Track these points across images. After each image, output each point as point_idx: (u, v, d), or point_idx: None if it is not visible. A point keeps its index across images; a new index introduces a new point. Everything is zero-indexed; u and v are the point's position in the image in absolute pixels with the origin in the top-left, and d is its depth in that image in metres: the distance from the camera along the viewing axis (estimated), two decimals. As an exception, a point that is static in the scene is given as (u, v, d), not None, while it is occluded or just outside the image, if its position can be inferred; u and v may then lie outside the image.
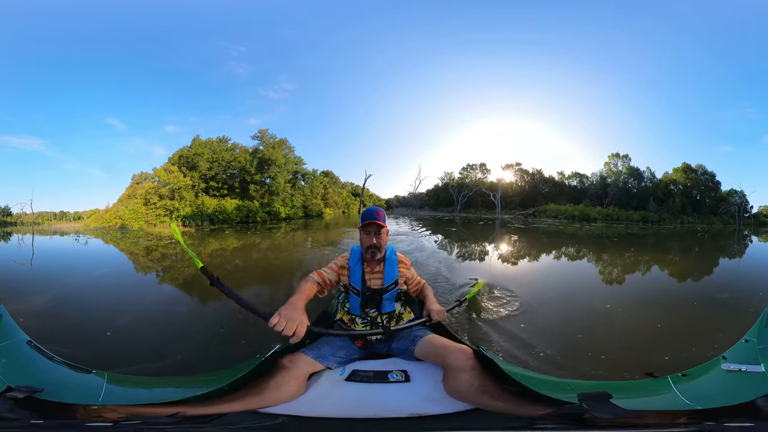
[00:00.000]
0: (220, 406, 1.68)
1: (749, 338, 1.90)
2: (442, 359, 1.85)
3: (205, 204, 25.47)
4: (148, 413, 1.64)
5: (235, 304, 1.85)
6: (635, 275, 8.01)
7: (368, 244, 2.20)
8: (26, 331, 2.23)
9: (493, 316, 4.29)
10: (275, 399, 1.70)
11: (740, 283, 6.89)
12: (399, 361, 2.04)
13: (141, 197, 25.31)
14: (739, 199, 27.28)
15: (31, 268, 8.98)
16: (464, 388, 1.70)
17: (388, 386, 1.84)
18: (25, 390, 1.58)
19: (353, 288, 2.26)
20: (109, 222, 24.93)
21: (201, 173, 26.69)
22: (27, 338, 2.12)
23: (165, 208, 24.74)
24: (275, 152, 29.04)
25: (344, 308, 2.37)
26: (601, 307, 5.02)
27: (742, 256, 12.14)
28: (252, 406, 1.68)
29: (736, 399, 1.57)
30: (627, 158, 30.29)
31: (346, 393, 1.80)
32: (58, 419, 1.59)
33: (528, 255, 10.66)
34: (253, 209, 26.76)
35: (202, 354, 3.31)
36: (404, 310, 2.36)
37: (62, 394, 1.68)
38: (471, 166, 35.58)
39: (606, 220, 26.75)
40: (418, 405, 1.72)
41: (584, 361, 3.19)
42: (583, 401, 1.42)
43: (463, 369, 1.73)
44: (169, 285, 7.13)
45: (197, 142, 27.69)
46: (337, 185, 38.23)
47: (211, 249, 12.32)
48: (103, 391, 1.77)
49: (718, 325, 4.10)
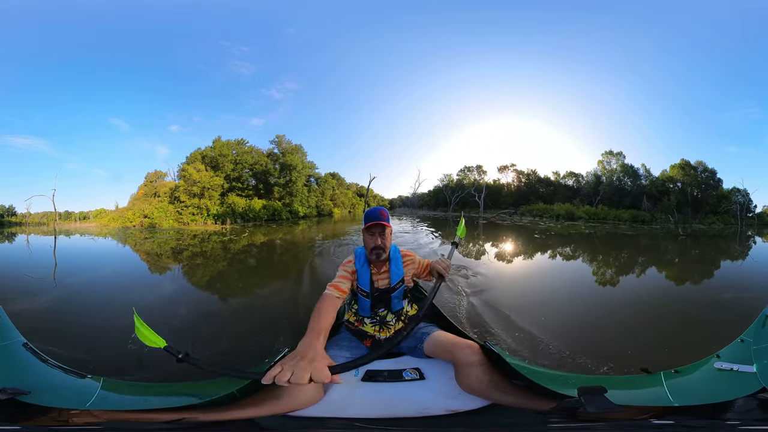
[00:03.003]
0: (234, 411, 1.61)
1: (745, 338, 1.87)
2: (451, 355, 1.81)
3: (236, 203, 26.95)
4: (140, 419, 1.58)
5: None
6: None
7: (373, 246, 2.12)
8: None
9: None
10: (298, 403, 1.63)
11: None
12: (410, 359, 2.01)
13: (165, 195, 25.10)
14: (742, 197, 24.96)
15: (55, 284, 7.00)
16: (476, 383, 1.68)
17: (405, 385, 1.83)
18: (10, 392, 1.53)
19: (362, 290, 2.18)
20: (133, 221, 23.67)
21: (226, 174, 27.73)
22: (23, 340, 2.08)
23: (196, 207, 25.12)
24: (294, 158, 31.28)
25: (352, 309, 2.29)
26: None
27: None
28: (277, 411, 1.60)
29: (719, 397, 1.55)
30: (621, 156, 29.33)
31: (366, 393, 1.78)
32: (28, 423, 1.52)
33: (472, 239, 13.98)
34: (278, 208, 28.59)
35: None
36: (411, 308, 2.31)
37: (48, 398, 1.62)
38: (468, 168, 36.69)
39: (591, 219, 25.88)
40: (438, 402, 1.72)
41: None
42: (582, 395, 1.40)
43: (473, 364, 1.71)
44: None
45: (219, 143, 28.39)
46: (343, 186, 39.29)
47: (267, 237, 15.84)
48: (95, 397, 1.69)
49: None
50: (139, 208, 24.57)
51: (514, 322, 4.05)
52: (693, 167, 26.91)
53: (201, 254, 11.55)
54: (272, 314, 4.57)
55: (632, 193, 28.29)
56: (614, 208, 27.54)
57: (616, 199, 28.45)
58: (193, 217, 24.71)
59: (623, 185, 29.06)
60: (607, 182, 29.43)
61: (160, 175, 26.90)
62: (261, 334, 3.75)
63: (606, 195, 28.85)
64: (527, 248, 12.45)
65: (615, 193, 28.73)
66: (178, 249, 12.57)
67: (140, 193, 26.16)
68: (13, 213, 29.45)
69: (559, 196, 31.51)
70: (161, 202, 24.85)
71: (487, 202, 33.79)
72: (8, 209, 29.15)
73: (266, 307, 5.17)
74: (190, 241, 14.79)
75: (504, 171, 35.37)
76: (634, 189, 28.50)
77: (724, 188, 26.36)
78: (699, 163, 26.96)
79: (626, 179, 29.05)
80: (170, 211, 24.32)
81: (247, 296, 6.07)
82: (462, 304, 4.72)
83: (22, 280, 7.20)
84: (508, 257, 10.27)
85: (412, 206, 38.52)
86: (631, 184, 28.83)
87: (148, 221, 23.36)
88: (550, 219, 26.73)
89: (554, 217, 27.24)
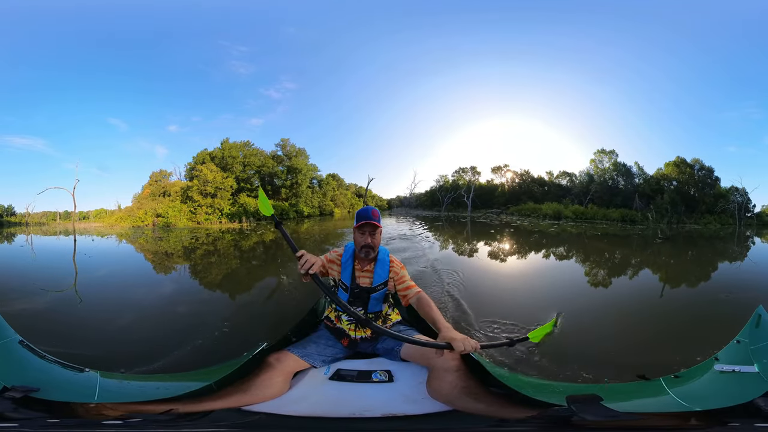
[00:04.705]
0: (207, 403, 1.66)
1: (741, 339, 1.85)
2: (427, 360, 1.79)
3: (248, 203, 27.75)
4: (144, 411, 1.63)
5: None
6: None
7: (363, 244, 2.14)
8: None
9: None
10: (259, 397, 1.68)
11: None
12: (384, 361, 2.00)
13: (177, 195, 25.05)
14: (741, 197, 23.49)
15: (80, 300, 5.27)
16: (448, 389, 1.66)
17: (371, 386, 1.82)
18: (21, 390, 1.55)
19: (342, 284, 2.20)
20: (145, 220, 23.33)
21: (236, 175, 28.27)
22: (19, 338, 2.06)
23: (209, 206, 25.40)
24: (299, 161, 32.31)
25: (332, 305, 2.28)
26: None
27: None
28: (236, 404, 1.65)
29: (734, 400, 1.52)
30: (614, 154, 28.43)
31: (328, 392, 1.78)
32: (73, 418, 1.55)
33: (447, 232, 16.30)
34: (285, 208, 29.68)
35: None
36: (392, 311, 2.29)
37: (58, 393, 1.65)
38: (463, 169, 36.94)
39: (578, 219, 25.52)
40: (399, 405, 1.71)
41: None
42: (572, 404, 1.37)
43: (449, 370, 1.69)
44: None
45: (227, 144, 28.78)
46: (342, 187, 39.92)
47: (274, 235, 17.25)
48: (98, 389, 1.72)
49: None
50: (150, 208, 24.49)
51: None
52: (689, 165, 25.36)
53: (261, 242, 14.01)
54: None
55: (624, 192, 27.41)
56: (604, 208, 26.88)
57: (607, 198, 27.71)
58: (208, 217, 25.00)
59: (615, 184, 28.25)
60: (599, 181, 28.69)
61: (165, 174, 27.18)
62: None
63: (597, 194, 28.13)
64: (475, 238, 14.51)
65: (606, 192, 27.95)
66: (233, 243, 14.03)
67: (146, 192, 26.02)
68: (13, 213, 28.55)
69: (552, 196, 31.03)
70: (173, 201, 24.98)
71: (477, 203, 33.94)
72: (7, 209, 28.37)
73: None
74: (232, 237, 16.03)
75: (498, 172, 35.51)
76: (627, 188, 27.63)
77: (721, 187, 24.76)
78: (695, 161, 25.42)
79: (618, 178, 28.22)
80: (184, 210, 24.44)
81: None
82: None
83: (34, 295, 5.27)
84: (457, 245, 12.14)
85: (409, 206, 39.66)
86: (624, 182, 28.00)
87: (162, 220, 23.31)
88: (537, 218, 26.59)
89: (540, 216, 27.08)
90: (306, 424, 1.65)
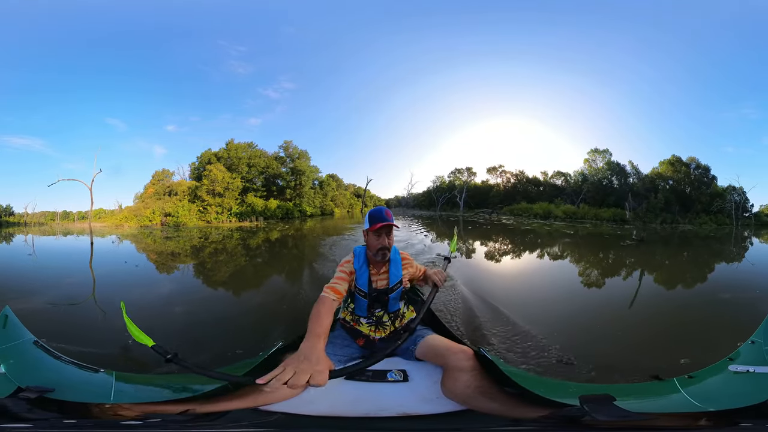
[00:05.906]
0: (224, 403, 1.63)
1: (756, 339, 1.81)
2: (442, 359, 1.78)
3: (255, 203, 28.59)
4: (161, 411, 1.59)
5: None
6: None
7: (380, 246, 2.07)
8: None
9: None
10: (275, 397, 1.63)
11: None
12: (399, 361, 1.96)
13: (184, 194, 24.90)
14: (738, 196, 22.63)
15: (104, 313, 4.38)
16: (462, 389, 1.64)
17: (386, 385, 1.79)
18: (36, 390, 1.52)
19: (360, 290, 2.12)
20: (153, 220, 23.06)
21: (242, 175, 28.63)
22: (33, 338, 2.05)
23: (219, 205, 25.61)
24: (302, 163, 32.99)
25: (348, 309, 2.22)
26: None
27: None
28: (253, 404, 1.62)
29: (749, 400, 1.47)
30: (607, 153, 28.06)
31: (343, 391, 1.73)
32: (89, 419, 1.51)
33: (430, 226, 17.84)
34: (290, 208, 30.38)
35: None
36: (407, 309, 2.29)
37: (73, 394, 1.61)
38: (459, 170, 37.48)
39: (568, 218, 25.22)
40: (414, 405, 1.69)
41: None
42: (584, 403, 1.34)
43: (463, 369, 1.68)
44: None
45: (232, 145, 28.93)
46: (341, 188, 40.22)
47: (292, 230, 18.32)
48: (113, 390, 1.70)
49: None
50: (157, 207, 24.13)
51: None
52: (684, 163, 24.46)
53: (288, 235, 15.85)
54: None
55: (617, 192, 26.82)
56: (596, 207, 26.46)
57: (600, 197, 27.26)
58: (218, 216, 25.05)
59: (609, 183, 27.72)
60: (592, 181, 28.26)
61: (168, 173, 27.06)
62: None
63: (589, 193, 27.69)
64: (445, 233, 15.92)
65: (598, 192, 27.47)
66: (251, 237, 15.30)
67: (149, 191, 25.61)
68: (11, 213, 28.04)
69: (546, 196, 30.93)
70: (181, 200, 24.74)
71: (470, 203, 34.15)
72: (6, 209, 27.92)
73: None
74: (252, 234, 16.76)
75: (493, 172, 35.46)
76: (621, 187, 27.00)
77: (718, 186, 23.85)
78: (691, 159, 24.52)
79: (612, 177, 27.66)
80: (193, 209, 24.39)
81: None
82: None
83: (43, 312, 4.35)
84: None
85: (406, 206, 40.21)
86: (618, 181, 27.40)
87: (171, 219, 23.06)
88: (527, 218, 26.60)
89: (531, 215, 27.00)
90: (323, 423, 1.63)
